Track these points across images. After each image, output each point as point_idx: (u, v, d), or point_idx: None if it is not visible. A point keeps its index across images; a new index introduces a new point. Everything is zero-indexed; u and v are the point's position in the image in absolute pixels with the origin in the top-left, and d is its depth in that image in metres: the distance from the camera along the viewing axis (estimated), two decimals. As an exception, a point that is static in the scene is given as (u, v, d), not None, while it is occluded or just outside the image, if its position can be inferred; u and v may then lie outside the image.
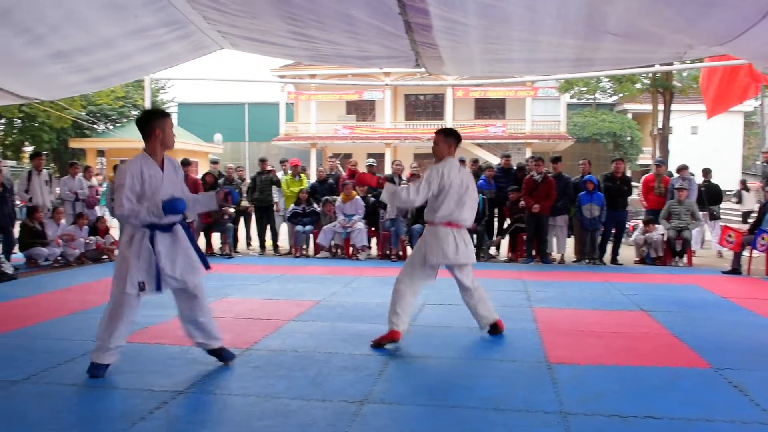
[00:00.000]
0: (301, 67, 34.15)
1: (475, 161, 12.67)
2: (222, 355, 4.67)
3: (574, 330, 5.93)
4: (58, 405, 3.81)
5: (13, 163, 27.00)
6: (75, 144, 32.22)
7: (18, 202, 11.38)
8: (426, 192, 5.25)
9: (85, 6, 6.85)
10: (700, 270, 10.42)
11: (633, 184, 12.49)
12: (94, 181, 12.56)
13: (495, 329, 5.64)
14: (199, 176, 12.97)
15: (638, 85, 26.47)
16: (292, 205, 12.08)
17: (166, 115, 4.50)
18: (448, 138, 5.43)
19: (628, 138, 39.09)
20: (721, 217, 13.01)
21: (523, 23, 6.39)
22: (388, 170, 12.84)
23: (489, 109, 39.20)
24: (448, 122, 36.94)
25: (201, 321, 4.56)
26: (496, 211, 11.78)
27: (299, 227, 11.82)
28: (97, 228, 11.19)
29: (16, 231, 10.41)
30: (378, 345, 5.19)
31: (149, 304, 6.96)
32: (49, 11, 6.90)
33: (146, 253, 4.31)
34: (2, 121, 29.61)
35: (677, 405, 3.85)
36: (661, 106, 25.27)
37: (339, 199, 11.72)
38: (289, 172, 12.77)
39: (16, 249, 10.35)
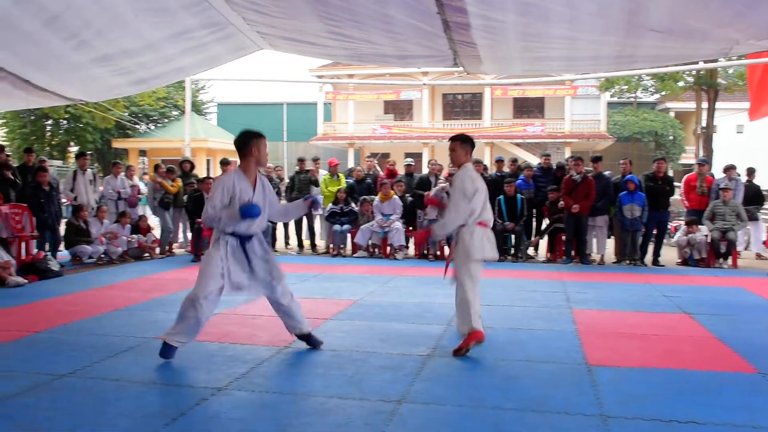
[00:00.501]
0: (339, 67, 34.32)
1: (514, 161, 12.56)
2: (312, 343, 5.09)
3: (615, 332, 5.84)
4: (101, 399, 3.89)
5: (59, 162, 27.66)
6: (118, 144, 32.89)
7: (64, 200, 11.64)
8: (466, 206, 5.26)
9: (129, 11, 6.99)
10: (745, 272, 10.18)
11: (675, 183, 12.26)
12: (136, 180, 12.79)
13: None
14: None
15: (681, 83, 25.98)
16: (330, 205, 12.13)
17: (261, 136, 4.85)
18: (465, 144, 5.47)
19: (671, 137, 38.34)
20: (760, 218, 12.65)
21: (563, 21, 6.32)
22: (425, 170, 12.77)
23: (528, 108, 38.86)
24: (486, 122, 36.77)
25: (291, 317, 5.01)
26: (534, 211, 11.66)
27: (337, 226, 11.87)
28: (139, 226, 11.41)
29: (62, 229, 10.67)
30: (461, 350, 5.01)
31: (190, 301, 7.07)
32: (94, 17, 7.07)
33: (229, 257, 4.71)
34: (49, 122, 30.35)
35: (722, 410, 3.76)
36: (705, 104, 24.76)
37: (377, 198, 11.74)
38: (328, 172, 12.83)
39: (61, 246, 10.62)
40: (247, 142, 4.78)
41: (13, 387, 4.06)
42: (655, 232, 11.07)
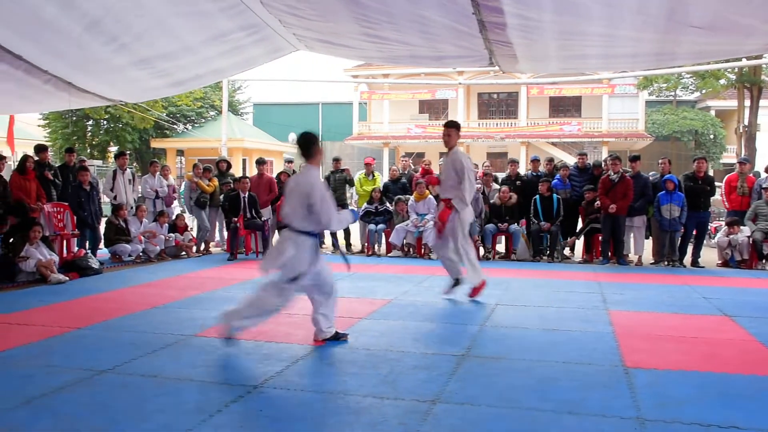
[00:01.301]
0: (374, 66, 34.36)
1: (550, 160, 12.44)
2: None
3: (652, 334, 5.74)
4: (140, 395, 3.96)
5: (99, 162, 28.23)
6: (156, 144, 33.44)
7: (105, 199, 11.89)
8: (474, 179, 6.85)
9: (168, 14, 7.12)
10: (789, 274, 9.93)
11: (716, 184, 12.01)
12: (171, 179, 12.98)
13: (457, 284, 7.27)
14: (274, 175, 13.21)
15: (723, 81, 25.42)
16: (365, 204, 12.16)
17: (318, 138, 5.26)
18: (458, 130, 6.95)
19: (711, 136, 37.60)
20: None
21: (601, 19, 6.25)
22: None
23: (564, 107, 38.44)
24: (522, 121, 36.49)
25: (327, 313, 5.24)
26: (570, 211, 11.53)
27: (372, 226, 11.90)
28: (177, 225, 11.58)
29: (102, 228, 10.88)
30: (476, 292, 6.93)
31: (226, 300, 7.16)
32: (135, 21, 7.22)
33: (312, 252, 4.98)
34: (90, 122, 30.99)
35: (764, 416, 3.67)
36: (747, 102, 24.21)
37: (412, 198, 11.73)
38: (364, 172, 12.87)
39: (101, 245, 10.83)
40: (315, 142, 5.09)
41: (56, 381, 4.16)
42: (694, 233, 10.86)
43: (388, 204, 12.07)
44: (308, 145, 5.08)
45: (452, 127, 6.92)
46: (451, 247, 7.07)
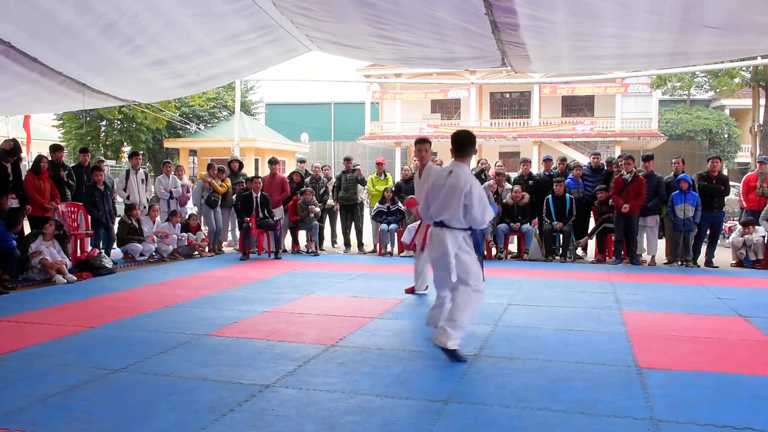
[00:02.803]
0: (386, 66, 34.33)
1: (563, 160, 12.39)
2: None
3: (666, 334, 5.71)
4: (153, 394, 3.99)
5: (112, 162, 28.39)
6: (169, 144, 33.58)
7: (118, 199, 11.96)
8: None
9: (182, 16, 7.16)
10: (804, 274, 9.83)
11: (731, 183, 11.91)
12: (185, 179, 13.04)
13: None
14: (286, 174, 13.25)
15: (737, 80, 25.23)
16: (377, 204, 12.17)
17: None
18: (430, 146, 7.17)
19: (725, 135, 37.32)
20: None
21: (615, 19, 6.22)
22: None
23: (577, 106, 38.32)
24: (535, 120, 36.38)
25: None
26: (583, 211, 11.48)
27: (384, 226, 11.90)
28: (189, 225, 11.63)
29: (115, 227, 10.95)
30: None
31: (238, 299, 7.20)
32: (148, 23, 7.27)
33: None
34: (104, 122, 31.18)
35: (779, 417, 3.65)
36: (762, 101, 24.02)
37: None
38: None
39: (114, 244, 10.90)
40: (473, 143, 5.03)
41: (70, 380, 4.20)
42: (708, 232, 10.79)
43: (400, 204, 12.06)
44: (463, 144, 5.00)
45: (426, 143, 7.16)
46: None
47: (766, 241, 10.40)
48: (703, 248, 10.83)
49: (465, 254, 4.83)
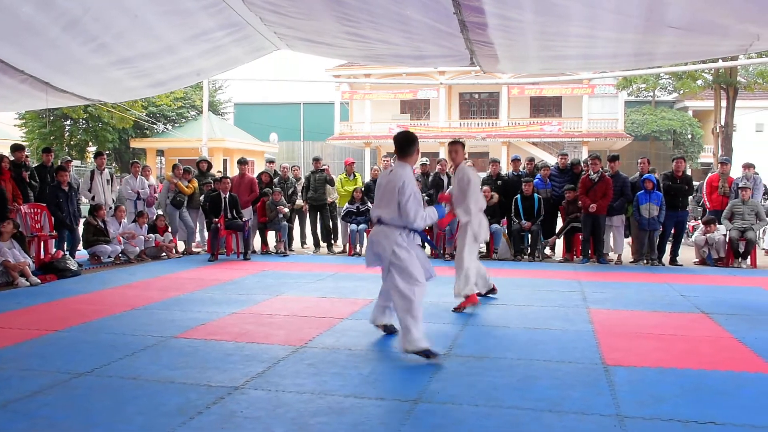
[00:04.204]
0: (355, 66, 34.37)
1: (531, 160, 12.50)
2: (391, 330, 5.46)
3: (632, 332, 5.80)
4: (119, 397, 3.93)
5: (77, 162, 27.93)
6: (136, 144, 33.18)
7: (84, 200, 11.76)
8: (481, 195, 6.87)
9: (148, 13, 7.06)
10: (764, 272, 10.06)
11: (694, 183, 12.12)
12: (152, 180, 12.87)
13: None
14: (255, 175, 13.15)
15: (700, 82, 25.73)
16: (347, 204, 12.15)
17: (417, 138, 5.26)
18: (463, 147, 6.94)
19: (689, 136, 38.04)
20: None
21: (581, 19, 6.29)
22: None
23: (545, 107, 38.71)
24: (503, 121, 36.65)
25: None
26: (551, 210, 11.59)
27: (353, 226, 11.89)
28: (156, 226, 11.49)
29: (80, 229, 10.76)
30: (461, 308, 6.58)
31: (206, 301, 7.13)
32: (114, 20, 7.14)
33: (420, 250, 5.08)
34: (68, 121, 30.66)
35: (741, 411, 3.72)
36: (724, 103, 24.52)
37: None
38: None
39: (80, 246, 10.71)
40: (413, 142, 5.13)
41: (32, 385, 4.11)
42: (672, 231, 10.97)
43: (369, 204, 12.05)
44: (405, 143, 5.10)
45: (458, 144, 6.93)
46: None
47: (727, 240, 10.62)
48: (668, 247, 11.01)
49: (402, 251, 4.88)
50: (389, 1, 6.35)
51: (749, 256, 10.60)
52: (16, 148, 10.58)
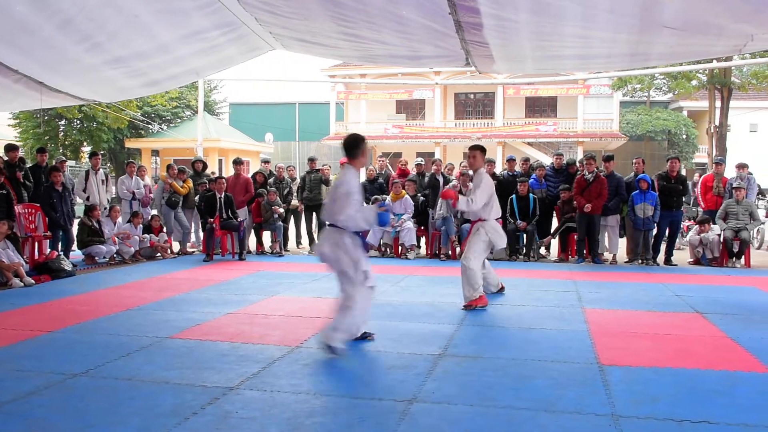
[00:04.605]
0: (351, 66, 34.36)
1: (526, 160, 12.51)
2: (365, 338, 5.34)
3: (627, 332, 5.81)
4: (114, 398, 3.92)
5: (72, 162, 27.82)
6: (131, 144, 33.08)
7: (78, 200, 11.72)
8: (488, 199, 6.84)
9: (143, 12, 7.04)
10: (758, 272, 10.09)
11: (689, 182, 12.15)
12: (148, 180, 12.85)
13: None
14: (250, 175, 13.13)
15: (694, 82, 25.80)
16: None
17: (365, 139, 5.25)
18: (483, 154, 6.95)
19: (684, 136, 38.12)
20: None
21: (576, 19, 6.30)
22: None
23: (540, 107, 38.76)
24: (498, 121, 36.68)
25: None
26: (546, 210, 11.60)
27: (348, 226, 11.86)
28: (151, 226, 11.46)
29: (75, 229, 10.73)
30: (470, 306, 6.68)
31: (201, 301, 7.12)
32: (108, 19, 7.12)
33: (362, 252, 5.07)
34: (63, 121, 30.55)
35: (735, 410, 3.73)
36: (718, 103, 24.59)
37: (388, 197, 11.73)
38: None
39: (74, 246, 10.68)
40: (359, 144, 5.12)
41: (26, 386, 4.10)
42: (667, 231, 11.00)
43: (364, 204, 12.04)
44: (351, 145, 5.13)
45: (477, 149, 6.92)
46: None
47: (721, 240, 10.65)
48: (663, 247, 11.03)
49: (342, 253, 4.97)
50: (385, 1, 6.36)
51: (743, 256, 10.63)
52: (10, 149, 10.54)
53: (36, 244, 9.76)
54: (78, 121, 30.20)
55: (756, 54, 13.94)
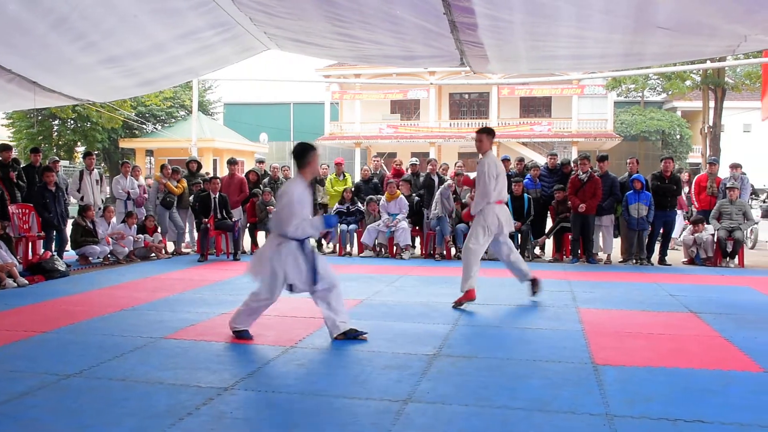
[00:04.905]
0: (345, 66, 34.33)
1: (521, 160, 12.54)
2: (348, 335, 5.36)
3: (621, 331, 5.82)
4: (108, 399, 3.90)
5: (65, 162, 27.73)
6: (125, 144, 32.99)
7: (72, 201, 11.68)
8: (493, 185, 6.73)
9: (137, 11, 7.02)
10: (752, 271, 10.13)
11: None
12: (142, 180, 12.82)
13: (534, 284, 7.20)
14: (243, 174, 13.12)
15: (688, 82, 25.90)
16: (336, 204, 12.14)
17: (316, 148, 5.32)
18: (490, 135, 6.82)
19: (678, 136, 38.24)
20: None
21: (571, 19, 6.31)
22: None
23: (534, 107, 38.82)
24: (493, 121, 36.71)
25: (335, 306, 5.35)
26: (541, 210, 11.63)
27: (343, 226, 11.88)
28: (146, 226, 11.43)
29: (69, 229, 10.70)
30: (459, 305, 6.65)
31: (196, 301, 7.11)
32: (102, 18, 7.10)
33: (299, 260, 5.09)
34: (56, 121, 30.45)
35: (729, 409, 3.74)
36: (712, 103, 24.68)
37: (383, 198, 11.74)
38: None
39: (68, 247, 10.64)
40: (307, 153, 5.18)
41: (20, 387, 4.08)
42: (661, 231, 11.03)
43: (360, 204, 12.06)
44: (299, 154, 5.20)
45: (483, 132, 6.82)
46: (504, 251, 7.12)
47: (715, 240, 10.69)
48: (657, 246, 11.06)
49: (273, 261, 5.08)
50: (379, 1, 6.35)
51: (737, 256, 10.67)
52: (3, 149, 10.49)
53: (30, 244, 9.73)
54: (72, 121, 30.11)
55: (749, 54, 13.99)
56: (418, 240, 12.04)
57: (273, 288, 5.12)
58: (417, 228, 11.78)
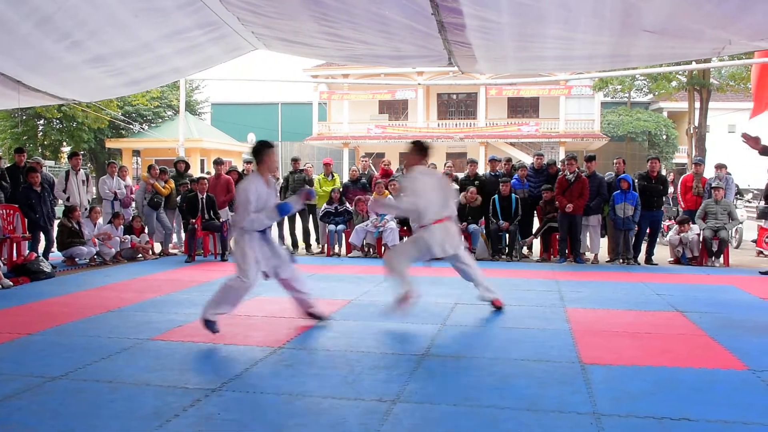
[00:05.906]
0: (333, 66, 34.28)
1: (508, 160, 12.56)
2: (319, 317, 6.01)
3: (608, 330, 5.85)
4: (94, 401, 3.88)
5: (51, 163, 27.52)
6: (111, 144, 32.77)
7: (58, 201, 11.59)
8: (408, 201, 6.23)
9: (123, 10, 6.97)
10: (737, 270, 10.21)
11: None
12: (129, 180, 12.74)
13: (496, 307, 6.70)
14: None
15: (674, 83, 26.07)
16: (325, 205, 12.12)
17: (272, 146, 5.69)
18: (419, 151, 6.32)
19: (664, 136, 38.47)
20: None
21: (558, 21, 6.33)
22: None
23: (522, 107, 38.93)
24: (481, 121, 36.81)
25: (304, 292, 5.95)
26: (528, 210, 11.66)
27: (331, 226, 11.86)
28: (132, 227, 11.36)
29: (55, 230, 10.61)
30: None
31: (183, 302, 7.07)
32: (88, 17, 7.04)
33: (264, 248, 5.51)
34: (42, 121, 30.21)
35: (714, 407, 3.78)
36: (697, 104, 24.84)
37: (371, 198, 11.72)
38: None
39: (54, 248, 10.55)
40: (262, 151, 5.55)
41: (4, 389, 4.05)
42: (648, 231, 11.09)
43: (348, 204, 12.04)
44: (255, 152, 5.58)
45: (412, 144, 6.37)
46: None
47: (701, 239, 10.76)
48: (643, 246, 11.13)
49: (237, 248, 5.51)
50: (367, 1, 6.35)
51: (722, 255, 10.75)
52: (-12, 149, 10.40)
53: (14, 245, 9.64)
54: (57, 121, 29.88)
55: (734, 56, 14.10)
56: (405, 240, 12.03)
57: (246, 269, 5.36)
58: (405, 228, 11.77)
